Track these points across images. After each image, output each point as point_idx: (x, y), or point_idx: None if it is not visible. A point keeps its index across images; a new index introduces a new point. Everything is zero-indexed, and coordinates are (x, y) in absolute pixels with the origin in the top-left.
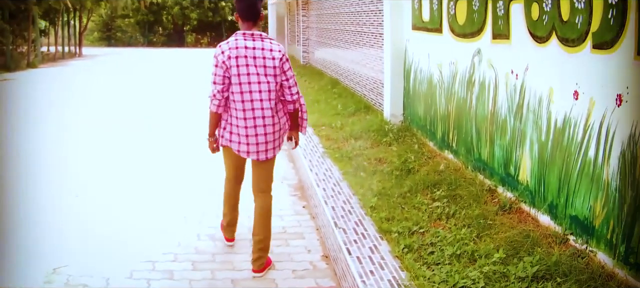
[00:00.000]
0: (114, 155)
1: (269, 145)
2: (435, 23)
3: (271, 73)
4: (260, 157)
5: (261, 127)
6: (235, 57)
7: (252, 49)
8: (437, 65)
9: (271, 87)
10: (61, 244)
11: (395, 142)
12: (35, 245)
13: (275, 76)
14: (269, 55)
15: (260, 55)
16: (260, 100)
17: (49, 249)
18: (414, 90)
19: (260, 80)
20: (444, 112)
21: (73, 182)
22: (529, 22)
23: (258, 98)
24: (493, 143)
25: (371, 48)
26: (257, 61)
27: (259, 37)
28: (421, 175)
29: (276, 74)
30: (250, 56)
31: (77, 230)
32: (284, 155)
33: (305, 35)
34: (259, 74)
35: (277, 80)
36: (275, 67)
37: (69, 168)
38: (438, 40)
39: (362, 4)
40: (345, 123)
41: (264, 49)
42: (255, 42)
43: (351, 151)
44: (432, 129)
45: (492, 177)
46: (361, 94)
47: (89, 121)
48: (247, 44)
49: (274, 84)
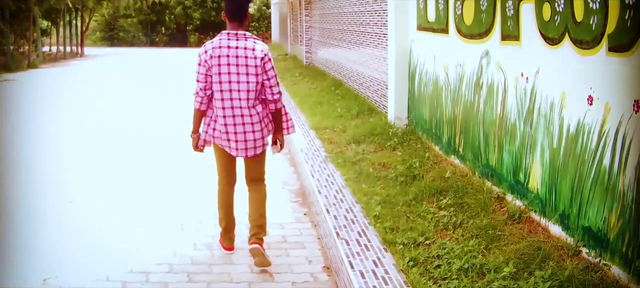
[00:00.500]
0: (111, 159)
1: (251, 143)
2: (441, 23)
3: (253, 72)
4: (249, 154)
5: (241, 125)
6: (217, 56)
7: (235, 49)
8: (443, 66)
9: (251, 87)
10: (53, 252)
11: (400, 146)
12: (32, 247)
13: (257, 75)
14: (251, 55)
15: (243, 54)
16: (240, 99)
17: (43, 253)
18: (419, 93)
19: (239, 80)
20: (450, 115)
21: (70, 185)
22: (540, 23)
23: (237, 96)
24: (502, 149)
25: (375, 49)
26: (239, 60)
27: (243, 37)
28: (427, 182)
29: (258, 73)
30: (232, 55)
31: (70, 238)
32: (285, 159)
33: (308, 35)
34: (239, 73)
35: (258, 80)
36: (256, 66)
37: (65, 172)
38: (444, 41)
39: (365, 3)
40: (348, 126)
41: (247, 49)
42: (239, 41)
43: (354, 155)
44: (438, 133)
45: (501, 184)
46: (364, 95)
47: (86, 123)
48: (231, 43)
49: (254, 83)
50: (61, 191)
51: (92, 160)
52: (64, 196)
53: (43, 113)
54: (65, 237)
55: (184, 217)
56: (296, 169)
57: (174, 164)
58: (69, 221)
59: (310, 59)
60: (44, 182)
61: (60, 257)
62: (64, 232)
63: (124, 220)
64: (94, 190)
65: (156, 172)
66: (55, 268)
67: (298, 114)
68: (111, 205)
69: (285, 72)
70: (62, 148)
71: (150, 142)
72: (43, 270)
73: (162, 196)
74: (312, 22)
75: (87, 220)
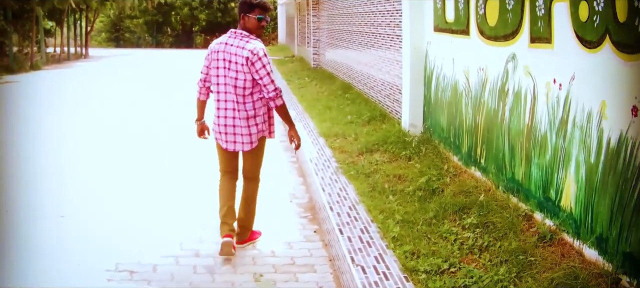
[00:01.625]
0: (108, 165)
1: (239, 138)
2: (461, 24)
3: (240, 69)
4: (237, 148)
5: (231, 118)
6: (216, 51)
7: (230, 46)
8: (463, 71)
9: (239, 83)
10: (54, 253)
11: (416, 156)
12: (33, 248)
13: (245, 73)
14: (240, 53)
15: (234, 52)
16: (228, 94)
17: (44, 254)
18: (436, 98)
19: (229, 75)
20: (470, 123)
21: (69, 187)
22: (576, 24)
23: (224, 91)
24: (530, 162)
25: (387, 51)
26: (231, 57)
27: (240, 36)
28: (447, 197)
29: (245, 71)
30: (226, 52)
31: (70, 239)
32: (293, 168)
33: (316, 37)
34: (230, 69)
35: (247, 78)
36: (243, 64)
37: (64, 174)
38: (464, 44)
39: (377, 3)
40: (360, 133)
41: (237, 47)
42: (235, 40)
43: (367, 166)
44: (457, 143)
45: (528, 201)
46: (376, 100)
47: (84, 126)
48: (229, 41)
49: (242, 81)
50: (61, 193)
51: (90, 164)
52: (63, 198)
53: (42, 115)
54: (65, 238)
55: (184, 230)
56: (305, 180)
57: (178, 168)
58: (69, 222)
59: (317, 61)
60: (43, 184)
61: (61, 257)
62: (64, 233)
63: (125, 222)
64: (94, 194)
65: (158, 176)
66: (56, 269)
67: (306, 120)
68: (112, 208)
69: (292, 75)
70: (60, 152)
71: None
72: (44, 270)
73: (163, 200)
74: (320, 23)
75: (88, 221)
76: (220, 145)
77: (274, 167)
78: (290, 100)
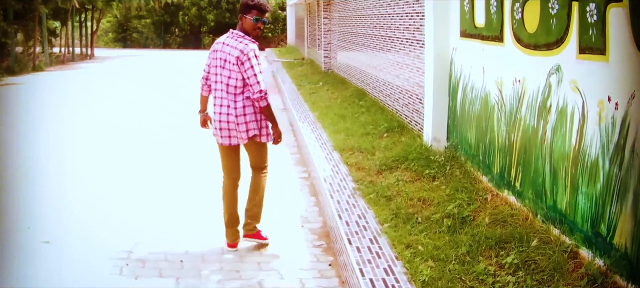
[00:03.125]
0: (109, 169)
1: (236, 132)
2: (493, 29)
3: (232, 69)
4: (232, 142)
5: (225, 114)
6: (215, 50)
7: (226, 46)
8: (495, 82)
9: (231, 82)
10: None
11: (441, 176)
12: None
13: (236, 72)
14: (233, 53)
15: (228, 51)
16: (221, 91)
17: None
18: (462, 111)
19: (222, 74)
20: (504, 141)
21: (68, 190)
22: (638, 34)
23: (220, 88)
24: (576, 190)
25: (406, 56)
26: (224, 56)
27: (236, 36)
28: (481, 228)
29: (236, 70)
30: (222, 51)
31: (71, 240)
32: (305, 186)
33: (327, 39)
34: (223, 67)
35: (238, 76)
36: (234, 63)
37: (62, 177)
38: (497, 51)
39: (395, 5)
40: (378, 146)
41: (231, 46)
42: (231, 40)
43: (388, 187)
44: (487, 161)
45: (573, 235)
46: (393, 109)
47: (82, 130)
48: (226, 41)
49: (234, 79)
50: (60, 196)
51: (86, 167)
52: (63, 201)
53: (39, 118)
54: (66, 239)
55: (185, 256)
56: (318, 200)
57: (181, 169)
58: (70, 223)
59: (329, 64)
60: (41, 188)
61: (61, 257)
62: (64, 234)
63: (127, 224)
64: (94, 196)
65: (160, 175)
66: (57, 270)
67: (319, 131)
68: (116, 209)
69: (302, 79)
70: (56, 155)
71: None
72: (46, 270)
73: (165, 205)
74: (331, 25)
75: (87, 223)
76: (217, 140)
77: (283, 183)
78: (301, 108)
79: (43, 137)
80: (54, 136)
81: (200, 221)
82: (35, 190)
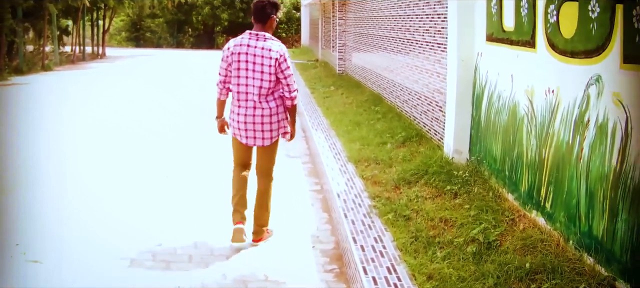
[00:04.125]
0: (109, 170)
1: (259, 134)
2: (523, 33)
3: (267, 71)
4: (257, 143)
5: (251, 116)
6: (237, 53)
7: (254, 47)
8: (525, 91)
9: (265, 84)
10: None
11: (463, 192)
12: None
13: (271, 74)
14: (268, 54)
15: (260, 53)
16: (253, 94)
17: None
18: (487, 122)
19: (254, 76)
20: (533, 157)
21: (67, 193)
22: None
23: (251, 91)
24: (615, 216)
25: (426, 61)
26: (255, 59)
27: (263, 38)
28: (509, 256)
29: (271, 71)
30: (250, 53)
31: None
32: (317, 200)
33: (342, 41)
34: (255, 70)
35: (272, 78)
36: (270, 65)
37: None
38: (528, 58)
39: (414, 6)
40: (395, 158)
41: (264, 48)
42: (258, 41)
43: (406, 205)
44: (514, 178)
45: (610, 266)
46: (410, 116)
47: (85, 132)
48: (251, 42)
49: (268, 81)
50: (61, 196)
51: (87, 169)
52: (61, 202)
53: (41, 119)
54: (67, 241)
55: None
56: (331, 217)
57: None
58: (70, 225)
59: (343, 66)
60: (39, 188)
61: (61, 257)
62: (65, 235)
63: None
64: (93, 200)
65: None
66: (57, 270)
67: (333, 139)
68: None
69: (316, 82)
70: (56, 156)
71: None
72: (46, 270)
73: (165, 208)
74: (346, 26)
75: (88, 225)
76: (239, 140)
77: (294, 197)
78: (315, 113)
79: (43, 137)
80: (54, 137)
81: (203, 225)
82: (35, 190)
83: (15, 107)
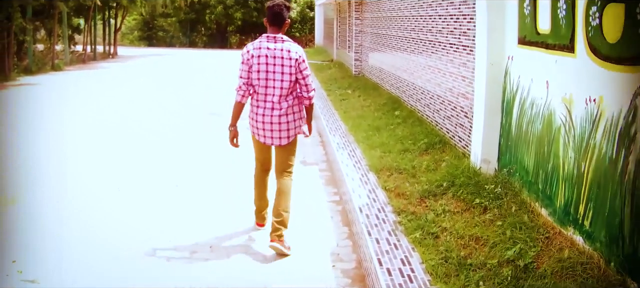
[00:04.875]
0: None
1: (283, 133)
2: (561, 37)
3: (287, 71)
4: (275, 143)
5: (269, 116)
6: (258, 55)
7: (273, 50)
8: (562, 99)
9: (285, 84)
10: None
11: (494, 206)
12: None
13: (291, 74)
14: (287, 56)
15: (280, 55)
16: (273, 94)
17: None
18: (518, 130)
19: (275, 77)
20: (571, 170)
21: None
22: None
23: (272, 92)
24: None
25: (450, 63)
26: (276, 60)
27: (281, 40)
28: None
29: (291, 72)
30: (270, 55)
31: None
32: (336, 212)
33: (358, 41)
34: (275, 72)
35: (291, 78)
36: (291, 66)
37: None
38: (566, 63)
39: (437, 6)
40: (418, 167)
41: (283, 50)
42: (277, 44)
43: (434, 221)
44: (548, 192)
45: None
46: (432, 121)
47: (81, 136)
48: (269, 45)
49: (288, 82)
50: (61, 200)
51: (85, 170)
52: (61, 203)
53: (41, 120)
54: (67, 243)
55: None
56: (351, 232)
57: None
58: (69, 226)
59: (359, 68)
60: (43, 187)
61: (61, 257)
62: (65, 237)
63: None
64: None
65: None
66: (57, 270)
67: (352, 146)
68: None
69: (331, 83)
70: (59, 157)
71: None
72: (46, 270)
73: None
74: (363, 26)
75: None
76: (259, 140)
77: (311, 208)
78: (332, 117)
79: (43, 138)
80: (55, 138)
81: (202, 225)
82: (35, 190)
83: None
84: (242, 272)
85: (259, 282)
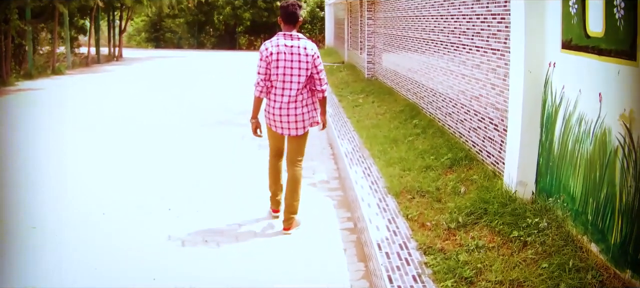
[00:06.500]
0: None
1: (298, 124)
2: (619, 41)
3: (304, 67)
4: (291, 133)
5: (286, 108)
6: (276, 52)
7: (291, 47)
8: (620, 116)
9: (302, 79)
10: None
11: (535, 241)
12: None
13: (307, 69)
14: (304, 52)
15: (297, 52)
16: (291, 89)
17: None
18: (562, 150)
19: (293, 72)
20: (630, 201)
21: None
22: None
23: (289, 86)
24: None
25: (477, 69)
26: (293, 57)
27: (296, 38)
28: None
29: (308, 67)
30: (288, 52)
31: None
32: (350, 244)
33: (371, 42)
34: (293, 67)
35: (307, 73)
36: (307, 62)
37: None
38: (624, 73)
39: (461, 4)
40: (444, 188)
41: (299, 47)
42: (293, 41)
43: (467, 261)
44: (600, 225)
45: None
46: (456, 133)
47: (78, 149)
48: (286, 42)
49: (304, 77)
50: (61, 200)
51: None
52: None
53: (38, 128)
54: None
55: None
56: (368, 270)
57: None
58: (70, 227)
59: (372, 71)
60: (43, 187)
61: (61, 257)
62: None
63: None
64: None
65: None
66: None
67: (367, 161)
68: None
69: (343, 87)
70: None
71: None
72: (46, 270)
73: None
74: (376, 27)
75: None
76: (276, 131)
77: (322, 238)
78: (344, 127)
79: (38, 147)
80: (50, 145)
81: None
82: (35, 191)
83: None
84: None
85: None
